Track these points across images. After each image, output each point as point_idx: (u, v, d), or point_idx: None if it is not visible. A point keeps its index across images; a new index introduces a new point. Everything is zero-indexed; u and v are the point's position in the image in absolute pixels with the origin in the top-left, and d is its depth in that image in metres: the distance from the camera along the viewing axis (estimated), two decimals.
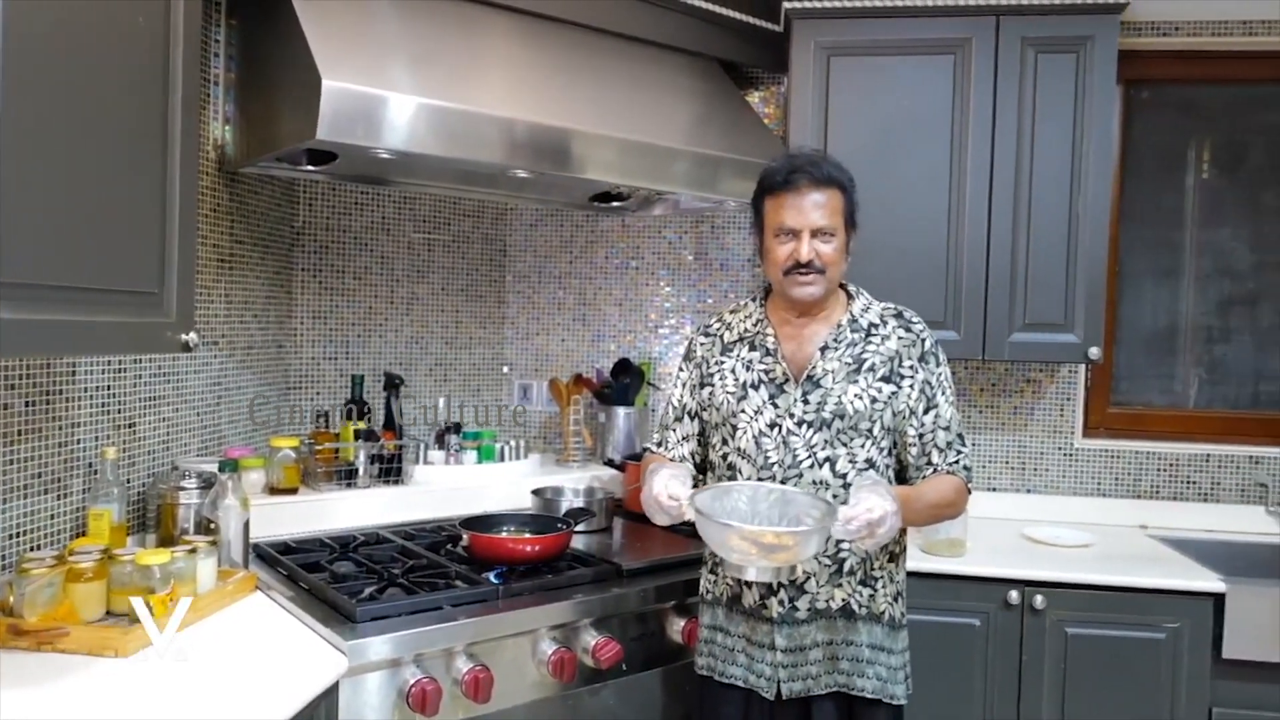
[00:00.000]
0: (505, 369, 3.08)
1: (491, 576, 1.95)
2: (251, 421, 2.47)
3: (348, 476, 2.37)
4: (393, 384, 2.55)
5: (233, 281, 2.34)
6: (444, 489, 2.49)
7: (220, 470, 1.92)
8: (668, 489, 1.66)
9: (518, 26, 2.35)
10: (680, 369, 1.97)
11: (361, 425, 2.46)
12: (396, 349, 2.83)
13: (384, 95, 1.88)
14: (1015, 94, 2.50)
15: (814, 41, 2.57)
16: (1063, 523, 2.73)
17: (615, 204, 2.81)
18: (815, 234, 1.74)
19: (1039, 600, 2.24)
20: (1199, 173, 2.95)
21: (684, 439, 1.93)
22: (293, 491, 2.27)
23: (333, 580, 1.90)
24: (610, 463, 2.81)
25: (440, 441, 2.63)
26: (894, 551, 1.83)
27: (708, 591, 1.90)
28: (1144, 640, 2.22)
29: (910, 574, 2.18)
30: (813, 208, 1.74)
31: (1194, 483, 2.83)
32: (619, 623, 1.97)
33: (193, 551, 1.71)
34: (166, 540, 1.90)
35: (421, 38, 2.13)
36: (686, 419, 1.93)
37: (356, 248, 2.74)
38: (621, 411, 2.87)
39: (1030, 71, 2.50)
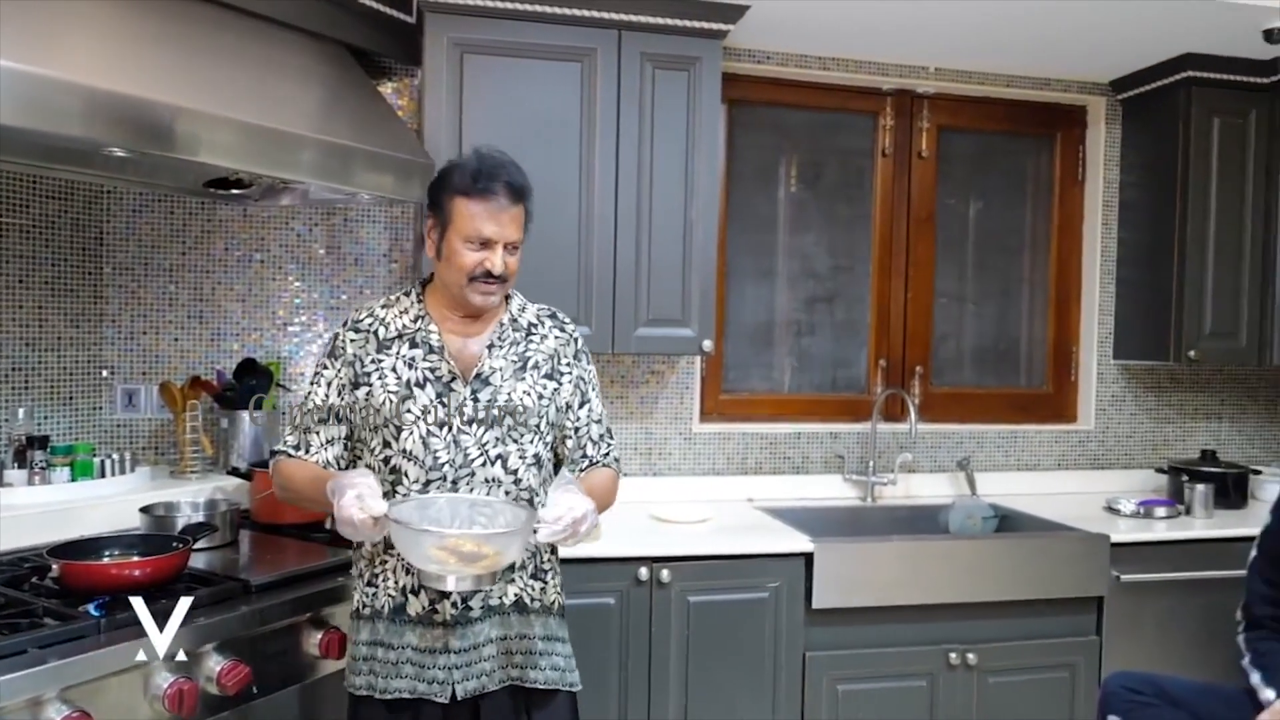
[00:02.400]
0: (105, 373, 2.72)
1: (91, 609, 1.72)
2: None
3: None
4: None
5: None
6: (28, 514, 2.16)
7: None
8: (361, 505, 1.54)
9: None
10: (325, 367, 1.83)
11: None
12: None
13: None
14: (636, 105, 2.68)
15: (447, 37, 2.56)
16: (685, 501, 2.98)
17: (235, 191, 2.58)
18: (507, 246, 1.76)
19: (665, 574, 2.44)
20: (788, 186, 3.37)
21: (328, 443, 1.81)
22: None
23: None
24: (235, 471, 2.59)
25: (21, 459, 2.28)
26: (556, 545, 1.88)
27: (365, 606, 1.79)
28: (752, 600, 2.50)
29: None
30: (510, 221, 1.76)
31: (788, 458, 3.24)
32: (248, 643, 1.83)
33: None
34: None
35: None
36: (332, 421, 1.81)
37: None
38: (247, 415, 2.67)
39: (649, 85, 2.69)
